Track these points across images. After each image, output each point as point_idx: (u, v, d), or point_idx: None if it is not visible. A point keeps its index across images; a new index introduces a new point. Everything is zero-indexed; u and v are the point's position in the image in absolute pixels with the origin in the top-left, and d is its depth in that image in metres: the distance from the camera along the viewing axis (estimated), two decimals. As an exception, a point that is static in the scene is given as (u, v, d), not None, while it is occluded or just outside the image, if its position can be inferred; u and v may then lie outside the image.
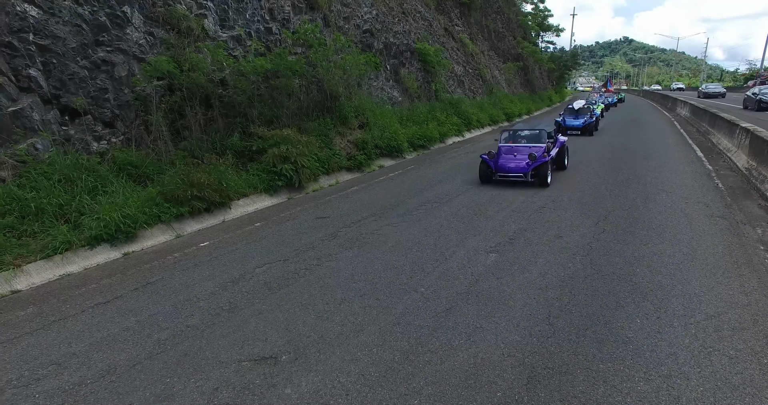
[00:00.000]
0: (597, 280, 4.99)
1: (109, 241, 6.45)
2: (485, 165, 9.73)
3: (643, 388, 3.22)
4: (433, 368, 3.52)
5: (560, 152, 10.82)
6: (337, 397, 3.23)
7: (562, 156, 10.95)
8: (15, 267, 5.49)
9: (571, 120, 18.81)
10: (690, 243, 6.01)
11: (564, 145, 11.17)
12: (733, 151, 11.93)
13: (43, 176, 6.81)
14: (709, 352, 3.64)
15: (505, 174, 9.50)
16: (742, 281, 4.87)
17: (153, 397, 3.26)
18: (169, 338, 4.06)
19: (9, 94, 6.93)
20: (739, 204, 7.81)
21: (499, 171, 9.56)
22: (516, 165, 9.45)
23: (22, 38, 7.09)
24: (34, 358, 3.78)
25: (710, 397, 3.12)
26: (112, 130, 8.30)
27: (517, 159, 9.61)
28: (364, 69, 13.46)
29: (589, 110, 19.56)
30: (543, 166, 9.33)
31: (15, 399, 3.27)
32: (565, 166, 11.08)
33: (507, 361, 3.59)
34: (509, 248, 6.01)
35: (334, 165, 10.94)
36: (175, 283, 5.26)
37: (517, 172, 9.38)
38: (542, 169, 9.32)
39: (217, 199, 7.86)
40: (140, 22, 9.00)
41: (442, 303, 4.54)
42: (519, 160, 9.55)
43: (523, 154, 9.73)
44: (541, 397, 3.17)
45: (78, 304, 4.77)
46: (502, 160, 9.69)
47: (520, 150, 9.98)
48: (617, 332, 3.95)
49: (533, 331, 4.00)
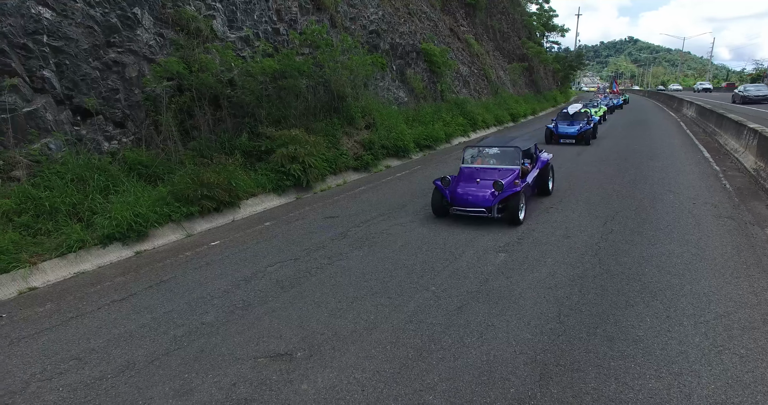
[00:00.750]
0: (606, 279, 5.03)
1: (121, 239, 6.53)
2: (439, 194, 7.38)
3: (654, 386, 3.27)
4: (447, 365, 3.57)
5: (542, 175, 8.57)
6: (353, 392, 3.29)
7: (545, 178, 8.67)
8: (31, 265, 5.57)
9: (565, 127, 16.25)
10: (698, 243, 6.04)
11: (548, 165, 8.76)
12: (741, 152, 11.93)
13: (57, 176, 6.89)
14: (719, 350, 3.68)
15: (462, 208, 7.17)
16: (752, 281, 4.90)
17: (172, 392, 3.33)
18: (185, 335, 4.13)
19: (24, 94, 7.03)
20: (747, 205, 7.83)
21: (455, 204, 7.19)
22: (477, 196, 7.02)
23: (36, 40, 7.19)
24: (55, 353, 3.85)
25: (721, 395, 3.16)
26: (122, 130, 8.38)
27: (479, 187, 7.14)
28: (370, 69, 13.53)
29: (586, 115, 17.21)
30: (513, 199, 6.93)
31: (40, 392, 3.35)
32: (550, 191, 8.77)
33: (519, 358, 3.64)
34: (518, 248, 6.05)
35: (341, 165, 11.01)
36: (188, 281, 5.33)
37: (477, 205, 7.00)
38: (512, 202, 6.92)
39: (226, 198, 7.93)
40: (150, 23, 9.09)
41: (453, 301, 4.60)
42: (481, 190, 7.07)
43: (490, 179, 7.21)
44: (554, 394, 3.21)
45: (94, 301, 4.85)
46: (460, 190, 7.19)
47: (486, 174, 7.46)
48: (627, 331, 4.00)
49: (544, 329, 4.05)
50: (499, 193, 6.91)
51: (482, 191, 7.05)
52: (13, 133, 6.86)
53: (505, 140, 8.68)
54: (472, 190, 7.14)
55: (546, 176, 8.67)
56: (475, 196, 7.04)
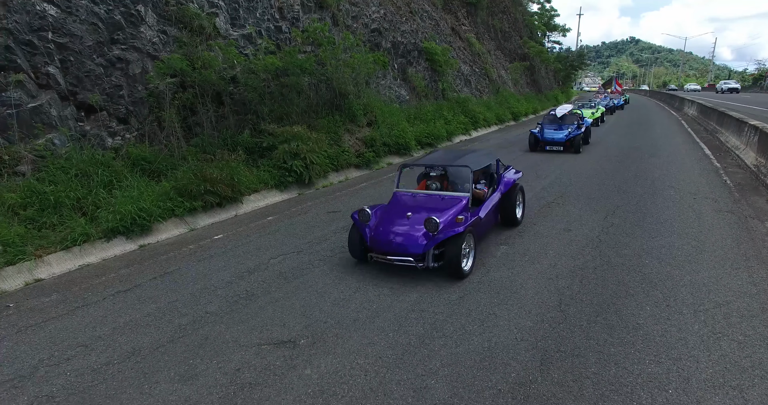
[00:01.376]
0: (606, 270, 5.07)
1: (125, 233, 6.59)
2: (356, 233, 5.36)
3: (653, 370, 3.31)
4: (449, 351, 3.62)
5: (507, 200, 6.45)
6: (356, 377, 3.33)
7: (511, 205, 6.48)
8: (36, 257, 5.63)
9: (551, 131, 13.98)
10: (698, 236, 6.08)
11: (515, 188, 6.61)
12: (742, 149, 11.95)
13: (61, 171, 6.94)
14: (718, 337, 3.71)
15: (382, 256, 5.08)
16: (751, 272, 4.94)
17: (177, 377, 3.38)
18: (190, 323, 4.18)
19: (29, 90, 7.09)
20: (747, 199, 7.86)
21: (374, 248, 5.13)
22: (404, 239, 4.98)
23: (41, 36, 7.25)
24: (62, 340, 3.91)
25: (719, 379, 3.20)
26: (126, 126, 8.44)
27: (410, 225, 5.08)
28: (372, 67, 13.59)
29: (576, 118, 14.85)
30: (453, 243, 4.82)
31: (48, 376, 3.40)
32: (518, 221, 6.66)
33: (520, 344, 3.68)
34: (519, 241, 6.09)
35: (343, 162, 11.06)
36: (192, 272, 5.38)
37: (403, 252, 4.94)
38: (450, 247, 4.83)
39: (229, 193, 7.98)
40: (154, 20, 9.16)
41: (455, 291, 4.64)
42: (412, 229, 5.02)
43: (427, 212, 5.18)
44: (555, 378, 3.26)
45: (99, 291, 4.90)
46: (382, 228, 5.17)
47: (424, 204, 5.50)
48: (627, 319, 4.04)
49: (545, 318, 4.09)
50: (434, 235, 4.84)
51: (413, 231, 4.98)
52: (18, 129, 6.92)
53: (455, 156, 6.28)
54: (399, 230, 5.06)
55: (512, 202, 6.47)
56: (402, 239, 4.95)
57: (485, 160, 6.37)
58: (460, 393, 3.13)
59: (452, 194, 5.63)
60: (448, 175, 6.13)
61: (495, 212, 6.33)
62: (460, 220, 5.07)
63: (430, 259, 4.94)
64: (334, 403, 3.07)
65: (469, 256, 5.12)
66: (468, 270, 5.03)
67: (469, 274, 5.04)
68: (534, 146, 14.20)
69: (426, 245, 4.88)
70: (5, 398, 3.17)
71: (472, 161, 5.91)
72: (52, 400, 3.15)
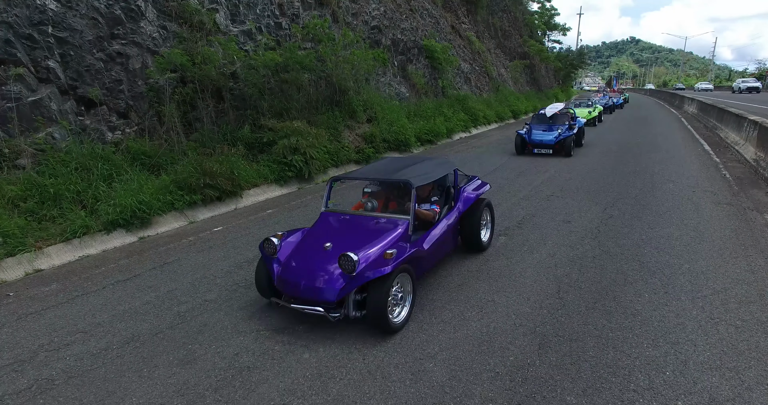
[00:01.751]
0: (605, 259, 5.08)
1: (125, 226, 6.60)
2: (263, 269, 4.11)
3: (651, 353, 3.32)
4: (447, 336, 3.63)
5: (467, 221, 5.16)
6: (354, 360, 3.35)
7: (473, 227, 5.16)
8: (36, 249, 5.65)
9: (540, 133, 12.68)
10: (697, 227, 6.09)
11: (478, 205, 5.30)
12: (741, 144, 11.95)
13: (61, 164, 6.96)
14: (716, 322, 3.72)
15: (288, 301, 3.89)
16: (749, 261, 4.94)
17: (176, 361, 3.39)
18: (189, 311, 4.19)
19: (29, 84, 7.11)
20: (746, 192, 7.86)
21: (282, 290, 3.90)
22: (314, 282, 3.75)
23: (41, 30, 7.27)
24: (62, 327, 3.92)
25: (717, 361, 3.21)
26: (126, 120, 8.46)
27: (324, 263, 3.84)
28: (372, 64, 13.60)
29: (568, 118, 13.47)
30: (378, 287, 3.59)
31: (48, 360, 3.42)
32: (482, 245, 5.33)
33: (519, 329, 3.69)
34: (518, 232, 6.10)
35: (342, 157, 11.06)
36: (192, 263, 5.40)
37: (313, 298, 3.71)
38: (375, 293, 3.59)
39: (229, 187, 8.00)
40: (154, 16, 9.17)
41: (453, 280, 4.65)
42: (324, 269, 3.80)
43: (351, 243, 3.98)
44: (553, 361, 3.27)
45: (99, 281, 4.92)
46: (294, 264, 3.96)
47: (348, 235, 4.28)
48: (626, 305, 4.04)
49: (543, 304, 4.10)
50: (352, 277, 3.59)
51: (327, 269, 3.73)
52: (19, 122, 6.93)
53: (400, 166, 4.88)
54: (312, 267, 3.82)
55: (474, 223, 5.15)
56: (312, 280, 3.71)
57: (437, 172, 4.87)
58: (458, 375, 3.14)
59: (390, 217, 4.32)
60: (390, 191, 4.94)
61: (452, 236, 5.02)
62: (390, 255, 3.67)
63: (351, 306, 3.63)
64: (332, 385, 3.08)
65: (405, 302, 3.85)
66: (401, 321, 3.75)
67: (405, 325, 3.77)
68: (521, 149, 12.76)
69: (342, 290, 3.57)
70: (5, 381, 3.18)
71: (418, 174, 4.55)
72: (52, 382, 3.17)
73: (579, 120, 14.27)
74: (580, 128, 13.86)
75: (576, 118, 14.28)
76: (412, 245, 4.09)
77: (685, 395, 2.88)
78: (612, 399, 2.87)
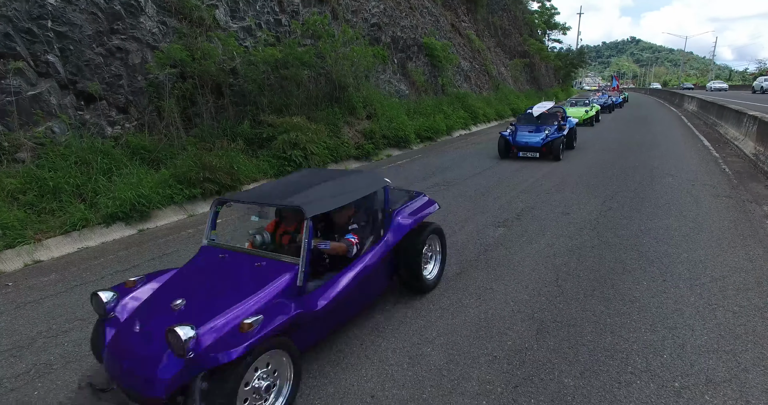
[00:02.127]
0: (604, 249, 5.08)
1: (124, 219, 6.61)
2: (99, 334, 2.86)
3: (649, 338, 3.32)
4: (445, 322, 3.63)
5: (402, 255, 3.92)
6: (352, 345, 3.35)
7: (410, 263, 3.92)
8: (36, 241, 5.66)
9: (525, 134, 11.50)
10: (696, 218, 6.09)
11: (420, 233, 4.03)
12: (741, 140, 11.96)
13: (61, 158, 6.98)
14: (713, 308, 3.72)
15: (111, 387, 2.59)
16: (747, 250, 4.94)
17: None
18: (188, 299, 4.19)
19: (28, 78, 7.12)
20: (745, 186, 7.86)
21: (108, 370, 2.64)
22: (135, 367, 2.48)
23: (41, 25, 7.28)
24: (60, 315, 3.93)
25: (714, 345, 3.21)
26: (125, 115, 8.47)
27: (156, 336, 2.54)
28: (371, 61, 13.61)
29: (556, 118, 12.24)
30: (224, 379, 2.35)
31: (46, 346, 3.43)
32: (427, 285, 4.13)
33: (517, 316, 3.70)
34: (517, 223, 6.10)
35: (342, 153, 11.08)
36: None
37: (135, 390, 2.44)
38: (218, 387, 2.33)
39: (228, 181, 8.00)
40: (153, 11, 9.19)
41: (452, 269, 4.65)
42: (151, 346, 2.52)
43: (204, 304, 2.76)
44: (551, 345, 3.27)
45: (98, 271, 4.92)
46: (123, 335, 2.70)
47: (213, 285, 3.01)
48: (624, 293, 4.05)
49: (542, 292, 4.10)
50: (189, 362, 2.40)
51: (154, 348, 2.54)
52: (18, 116, 6.94)
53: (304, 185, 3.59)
54: (141, 342, 2.63)
55: (412, 256, 3.90)
56: (133, 364, 2.53)
57: (355, 192, 3.56)
58: (456, 359, 3.15)
59: (276, 259, 3.08)
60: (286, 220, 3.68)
61: (382, 274, 3.78)
62: (248, 327, 2.49)
63: (197, 397, 2.34)
64: (328, 369, 3.08)
65: (280, 393, 2.70)
66: None
67: None
68: (504, 152, 11.59)
69: (173, 380, 2.39)
70: (4, 365, 3.19)
71: (321, 197, 3.28)
72: (50, 367, 3.18)
73: (570, 120, 13.20)
74: (572, 129, 12.71)
75: (567, 117, 13.27)
76: (300, 303, 2.84)
77: (682, 377, 2.88)
78: (609, 381, 2.87)
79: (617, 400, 2.71)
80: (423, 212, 4.27)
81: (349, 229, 3.58)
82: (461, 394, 2.81)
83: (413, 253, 3.89)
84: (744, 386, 2.78)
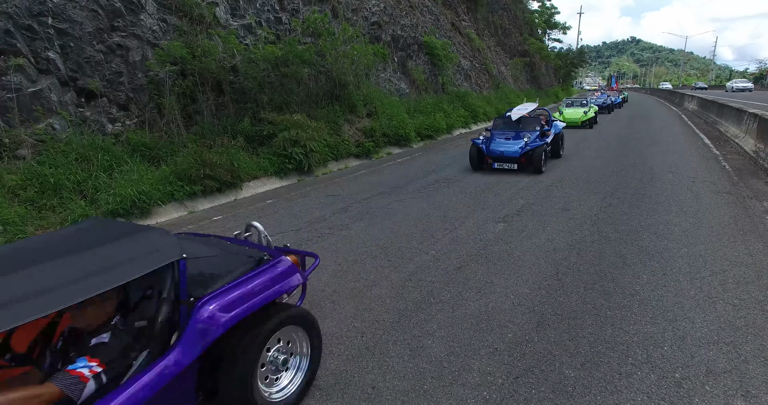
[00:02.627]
0: (604, 244, 5.08)
1: (125, 215, 6.62)
2: None
3: (649, 330, 3.32)
4: (445, 315, 3.64)
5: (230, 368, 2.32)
6: (353, 338, 3.36)
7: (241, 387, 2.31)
8: (36, 236, 5.66)
9: (501, 142, 9.78)
10: (696, 214, 6.09)
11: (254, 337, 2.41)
12: (741, 137, 11.96)
13: (61, 154, 6.98)
14: (713, 301, 3.73)
15: None
16: (748, 245, 4.95)
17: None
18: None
19: (29, 75, 7.12)
20: (745, 182, 7.87)
21: None
22: None
23: (41, 22, 7.28)
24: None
25: (714, 337, 3.21)
26: (126, 112, 8.48)
27: None
28: (372, 60, 13.62)
29: (539, 123, 10.39)
30: None
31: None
32: None
33: (517, 309, 3.70)
34: (517, 219, 6.11)
35: (342, 151, 11.08)
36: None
37: None
38: None
39: (228, 179, 8.01)
40: (154, 8, 9.19)
41: (452, 263, 4.66)
42: None
43: None
44: (551, 337, 3.27)
45: (99, 266, 4.92)
46: None
47: None
48: (624, 286, 4.05)
49: (542, 285, 4.10)
50: None
51: None
52: (19, 113, 6.95)
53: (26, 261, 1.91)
54: None
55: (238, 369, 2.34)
56: None
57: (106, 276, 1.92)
58: (457, 351, 3.15)
59: None
60: None
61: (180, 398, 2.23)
62: None
63: None
64: (330, 361, 3.09)
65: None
66: None
67: None
68: (478, 163, 9.76)
69: None
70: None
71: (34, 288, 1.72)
72: (51, 359, 3.17)
73: (556, 124, 11.37)
74: (557, 135, 10.90)
75: (552, 121, 11.54)
76: None
77: (682, 368, 2.88)
78: (610, 372, 2.88)
79: (618, 390, 2.71)
80: (268, 291, 2.57)
81: (90, 345, 2.08)
82: (462, 385, 2.81)
83: (243, 363, 2.36)
84: (744, 377, 2.79)
